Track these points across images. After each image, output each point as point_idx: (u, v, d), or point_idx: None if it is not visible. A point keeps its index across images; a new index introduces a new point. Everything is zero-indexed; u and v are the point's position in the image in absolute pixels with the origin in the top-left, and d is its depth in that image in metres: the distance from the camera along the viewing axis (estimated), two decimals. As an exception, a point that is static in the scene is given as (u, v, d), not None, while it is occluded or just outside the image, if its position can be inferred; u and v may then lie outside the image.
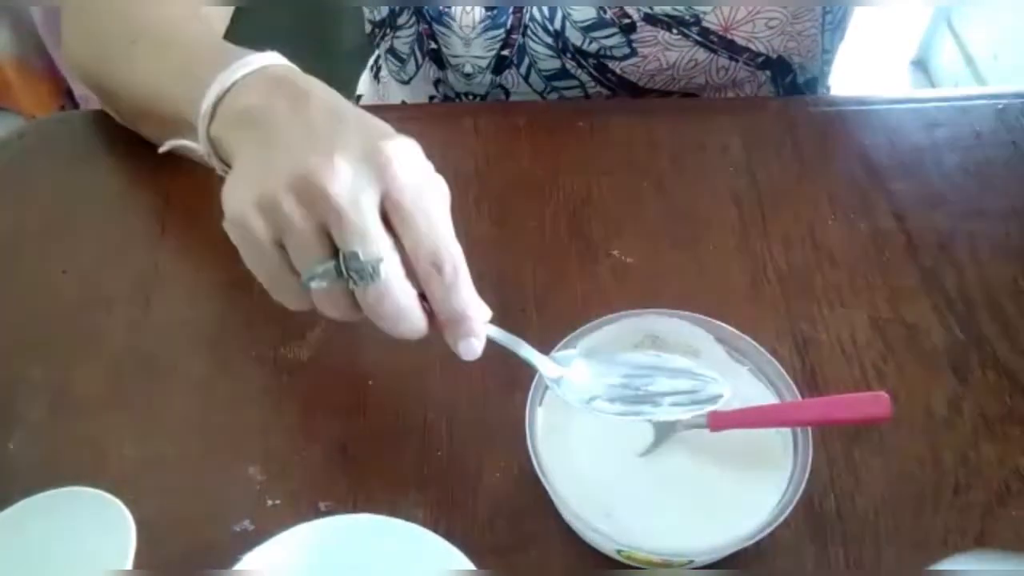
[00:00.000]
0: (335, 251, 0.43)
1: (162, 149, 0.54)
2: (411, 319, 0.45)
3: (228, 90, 0.48)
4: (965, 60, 1.90)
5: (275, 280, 0.45)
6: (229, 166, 0.49)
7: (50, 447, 0.53)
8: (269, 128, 0.45)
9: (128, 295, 0.60)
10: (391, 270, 0.43)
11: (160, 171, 0.66)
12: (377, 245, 0.42)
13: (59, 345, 0.57)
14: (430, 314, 0.46)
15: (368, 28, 0.81)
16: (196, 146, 0.50)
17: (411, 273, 0.45)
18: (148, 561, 0.47)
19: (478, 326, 0.46)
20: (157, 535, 0.49)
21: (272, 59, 0.49)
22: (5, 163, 0.68)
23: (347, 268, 0.43)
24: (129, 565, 0.44)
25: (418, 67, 0.80)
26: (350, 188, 0.42)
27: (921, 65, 2.05)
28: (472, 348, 0.47)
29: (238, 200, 0.44)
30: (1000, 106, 0.71)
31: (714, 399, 0.48)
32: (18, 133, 0.70)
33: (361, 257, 0.42)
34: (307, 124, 0.44)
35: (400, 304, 0.44)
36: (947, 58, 1.97)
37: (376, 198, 0.43)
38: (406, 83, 0.83)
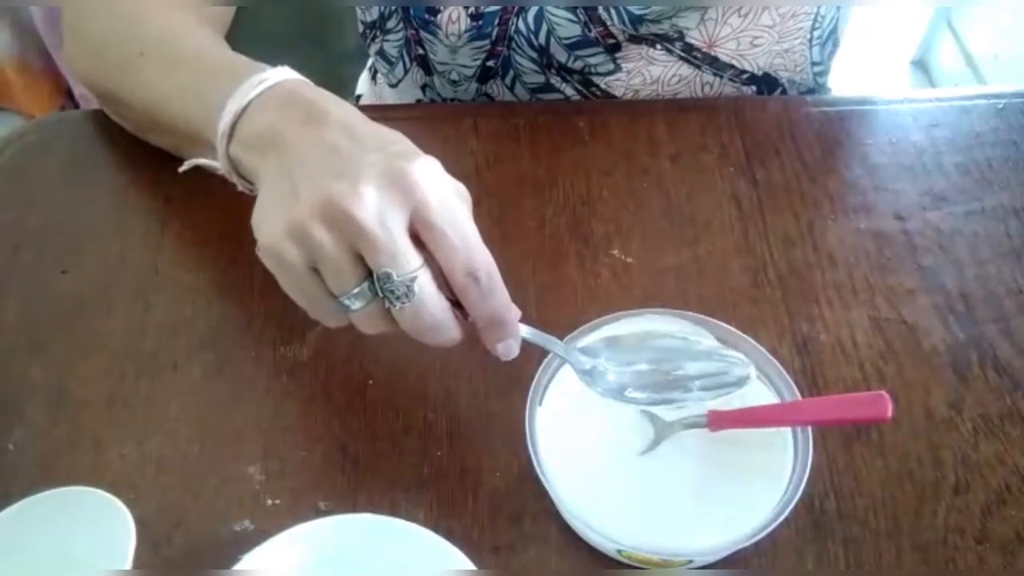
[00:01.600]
0: (369, 273, 0.44)
1: (183, 168, 0.55)
2: (447, 330, 0.46)
3: (244, 109, 0.48)
4: (965, 60, 1.89)
5: (313, 302, 0.46)
6: (250, 183, 0.50)
7: (50, 447, 0.53)
8: (288, 151, 0.46)
9: (128, 295, 0.60)
10: (424, 287, 0.44)
11: (160, 171, 0.66)
12: (409, 265, 0.44)
13: (59, 345, 0.57)
14: (462, 319, 0.47)
15: (360, 29, 0.81)
16: (216, 164, 0.51)
17: (444, 284, 0.46)
18: (148, 561, 0.47)
19: (514, 327, 0.47)
20: (157, 535, 0.49)
21: (285, 74, 0.50)
22: (5, 163, 0.68)
23: (381, 289, 0.44)
24: (129, 565, 0.44)
25: (406, 71, 0.80)
26: (377, 212, 0.43)
27: (921, 65, 2.05)
28: (510, 349, 0.48)
29: (269, 230, 0.44)
30: (1000, 106, 0.71)
31: (741, 381, 0.48)
32: (18, 133, 0.70)
33: (394, 278, 0.43)
34: (327, 146, 0.45)
35: (436, 318, 0.45)
36: (947, 58, 1.97)
37: (404, 218, 0.44)
38: (394, 86, 0.83)
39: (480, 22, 0.71)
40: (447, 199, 0.45)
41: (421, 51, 0.76)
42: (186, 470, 0.52)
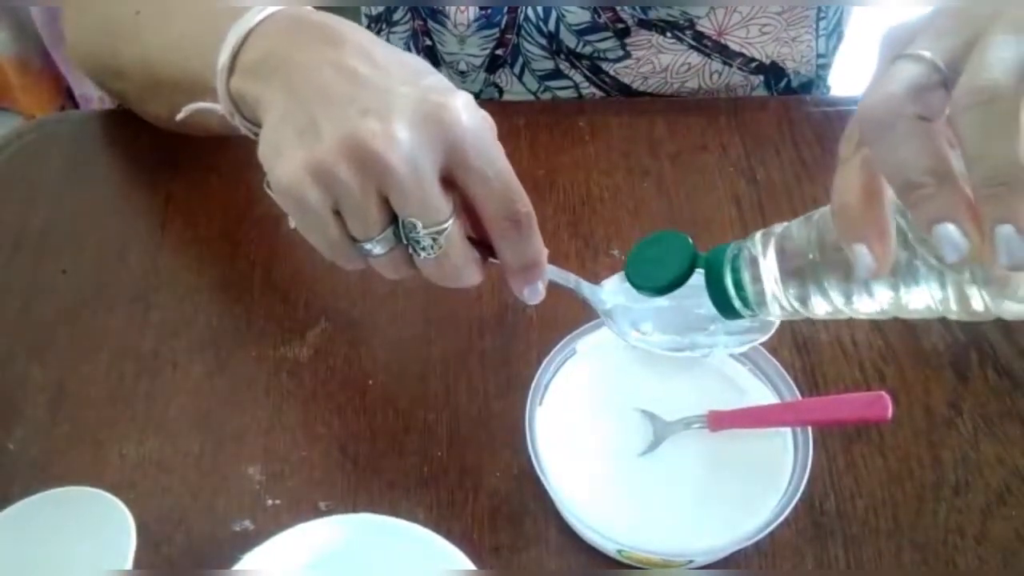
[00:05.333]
0: (395, 217, 0.42)
1: (180, 116, 0.51)
2: (469, 277, 0.44)
3: (246, 38, 0.45)
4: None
5: (331, 245, 0.43)
6: (255, 124, 0.46)
7: (50, 447, 0.53)
8: (298, 73, 0.42)
9: (128, 295, 0.60)
10: (451, 238, 0.42)
11: (160, 171, 0.66)
12: (438, 215, 0.41)
13: (59, 345, 0.57)
14: (482, 262, 0.45)
15: (364, 23, 0.80)
16: (216, 107, 0.47)
17: (471, 224, 0.43)
18: (148, 561, 0.47)
19: (544, 268, 0.45)
20: (157, 535, 0.49)
21: (288, 3, 0.46)
22: (5, 163, 0.68)
23: (407, 237, 0.42)
24: (129, 565, 0.44)
25: None
26: (409, 155, 0.39)
27: (921, 65, 2.04)
28: (538, 292, 0.45)
29: (288, 167, 0.41)
30: (1000, 106, 0.71)
31: (766, 327, 0.46)
32: (18, 133, 0.70)
33: (420, 229, 0.41)
34: (345, 71, 0.41)
35: (459, 267, 0.43)
36: (947, 58, 1.97)
37: (438, 161, 0.41)
38: None
39: (489, 11, 0.71)
40: (486, 139, 0.42)
41: (429, 42, 0.76)
42: (186, 470, 0.52)
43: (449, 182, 0.42)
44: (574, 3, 0.69)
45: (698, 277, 0.45)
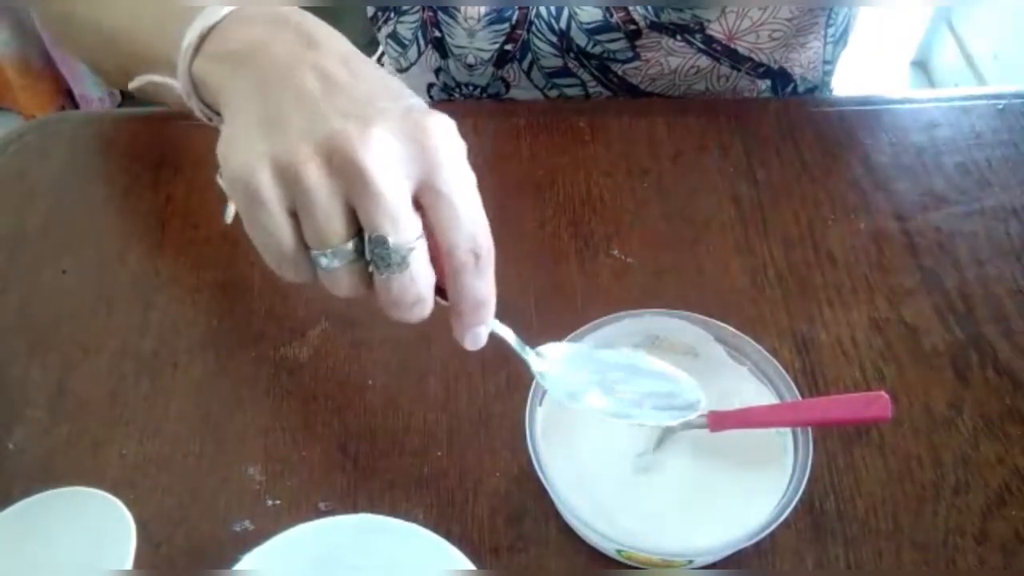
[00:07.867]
0: (358, 230, 0.39)
1: (133, 85, 0.48)
2: (425, 308, 0.41)
3: (219, 22, 0.42)
4: (965, 60, 1.90)
5: (279, 250, 0.39)
6: (211, 109, 0.44)
7: (50, 447, 0.53)
8: (272, 69, 0.40)
9: (128, 295, 0.60)
10: (419, 260, 0.39)
11: (160, 171, 0.66)
12: (410, 232, 0.38)
13: (59, 345, 0.57)
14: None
15: (371, 12, 0.80)
16: (172, 82, 0.44)
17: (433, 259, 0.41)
18: (148, 561, 0.47)
19: (492, 311, 0.43)
20: (157, 535, 0.49)
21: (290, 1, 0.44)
22: (5, 163, 0.68)
23: (372, 252, 0.39)
24: (129, 565, 0.44)
25: (420, 54, 0.79)
26: (389, 166, 0.37)
27: (921, 65, 2.05)
28: (480, 337, 0.43)
29: (244, 159, 0.37)
30: (1000, 106, 0.71)
31: (692, 406, 0.46)
32: (18, 133, 0.70)
33: (390, 245, 0.38)
34: (323, 74, 0.39)
35: (421, 295, 0.40)
36: (947, 58, 1.97)
37: (413, 178, 0.39)
38: (403, 71, 0.83)
39: (500, 5, 0.71)
40: (462, 166, 0.40)
41: (438, 34, 0.75)
42: (186, 470, 0.52)
43: (415, 204, 0.40)
44: (588, 2, 0.69)
45: (628, 356, 0.46)
